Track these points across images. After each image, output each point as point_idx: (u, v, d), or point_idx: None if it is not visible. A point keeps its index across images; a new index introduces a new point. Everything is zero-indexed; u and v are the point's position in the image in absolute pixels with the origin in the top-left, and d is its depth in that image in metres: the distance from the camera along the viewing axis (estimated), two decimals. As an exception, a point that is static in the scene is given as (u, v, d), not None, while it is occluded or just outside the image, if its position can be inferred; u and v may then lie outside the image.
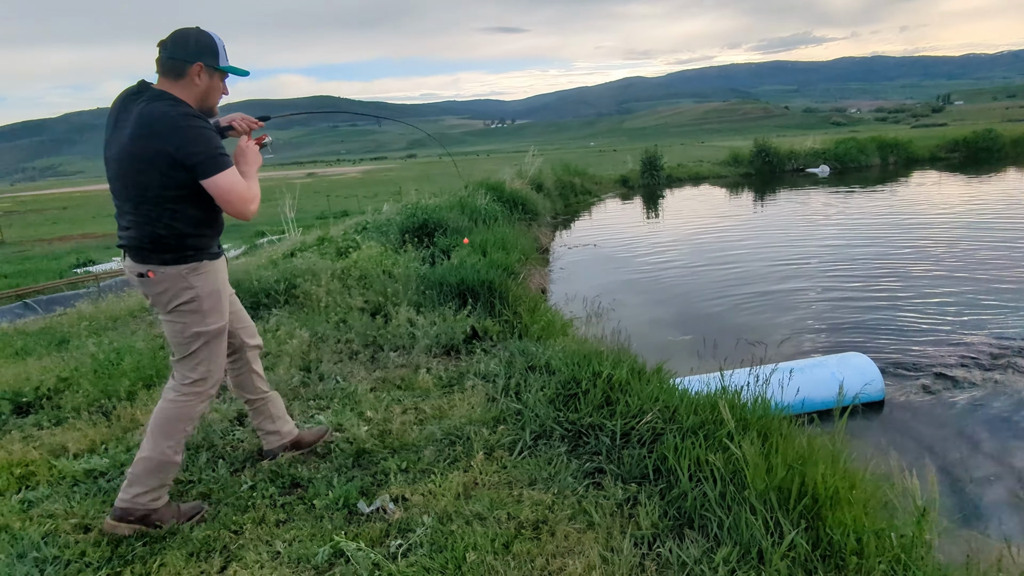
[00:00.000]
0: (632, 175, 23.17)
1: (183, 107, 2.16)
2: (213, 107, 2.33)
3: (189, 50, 2.18)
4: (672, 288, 8.01)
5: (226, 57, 2.27)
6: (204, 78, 2.22)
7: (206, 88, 2.24)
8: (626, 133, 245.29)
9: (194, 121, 2.14)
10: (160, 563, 2.16)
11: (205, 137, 2.14)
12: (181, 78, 2.19)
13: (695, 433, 2.59)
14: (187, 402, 2.36)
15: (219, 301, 2.35)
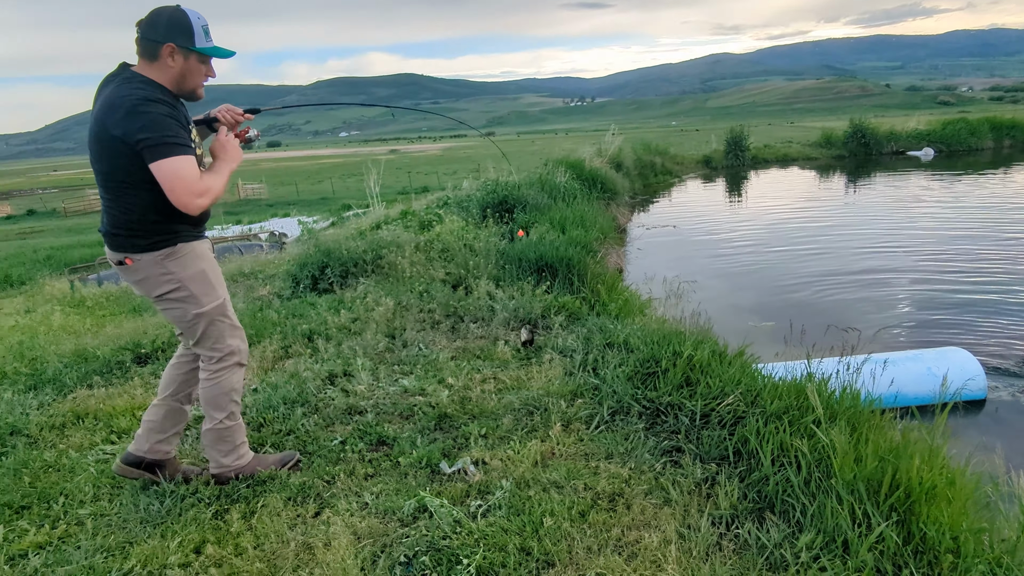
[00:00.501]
0: (715, 155, 22.37)
1: (146, 91, 2.07)
2: (194, 90, 2.23)
3: (159, 30, 2.09)
4: (755, 273, 7.74)
5: (204, 38, 2.16)
6: (178, 59, 2.13)
7: (181, 70, 2.15)
8: (710, 112, 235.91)
9: (149, 106, 2.04)
10: (262, 504, 2.34)
11: (156, 121, 2.03)
12: (155, 60, 2.12)
13: (779, 418, 2.53)
14: (221, 378, 2.38)
15: (206, 281, 2.30)
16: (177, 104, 2.18)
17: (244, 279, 6.16)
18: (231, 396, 2.41)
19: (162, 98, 2.10)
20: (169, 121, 2.06)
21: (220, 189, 2.19)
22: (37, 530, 2.27)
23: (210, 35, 2.19)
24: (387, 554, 2.03)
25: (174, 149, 2.03)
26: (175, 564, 2.01)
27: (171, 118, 2.08)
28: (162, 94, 2.12)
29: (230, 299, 2.43)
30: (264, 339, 4.06)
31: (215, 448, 2.46)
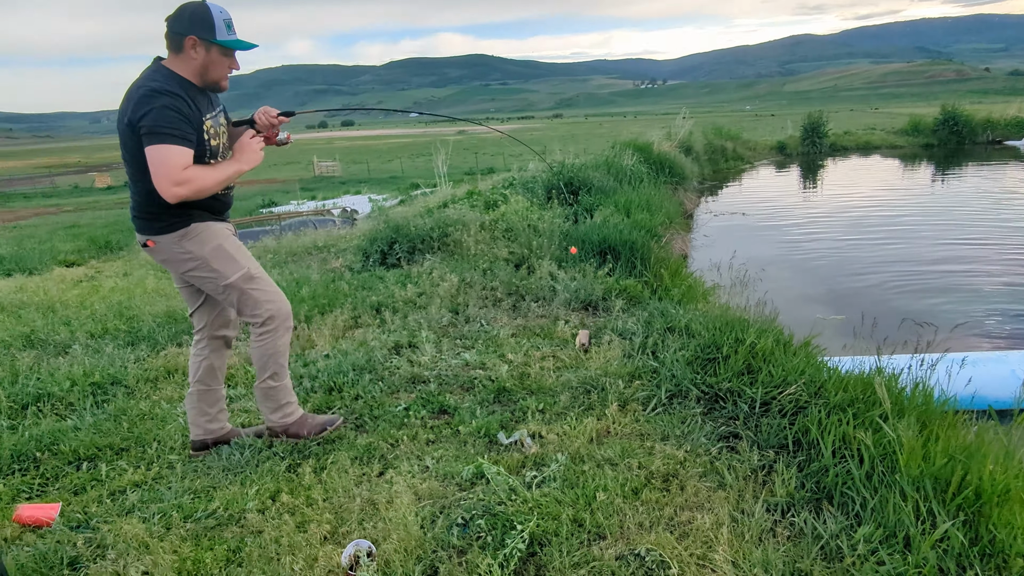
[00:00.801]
0: (791, 142, 21.43)
1: (159, 82, 2.17)
2: (218, 81, 2.31)
3: (183, 23, 2.19)
4: (826, 264, 7.44)
5: (226, 31, 2.22)
6: (200, 51, 2.21)
7: (203, 62, 2.24)
8: (787, 96, 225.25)
9: (156, 97, 2.13)
10: (331, 460, 2.50)
11: (157, 112, 2.11)
12: (180, 52, 2.22)
13: (843, 410, 2.48)
14: (265, 340, 2.50)
15: (225, 254, 2.38)
16: (191, 96, 2.23)
17: (318, 252, 6.46)
18: (275, 358, 2.52)
19: (172, 90, 2.17)
20: (169, 113, 2.14)
21: (209, 183, 2.22)
22: (134, 470, 2.51)
23: (232, 28, 2.25)
24: (445, 515, 2.14)
25: (165, 138, 2.12)
26: (253, 509, 2.18)
27: (173, 110, 2.15)
28: (177, 86, 2.20)
29: (259, 268, 2.51)
30: (336, 308, 4.27)
31: (263, 404, 2.63)
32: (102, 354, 3.80)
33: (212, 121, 2.34)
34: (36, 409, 3.08)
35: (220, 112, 2.44)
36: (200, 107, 2.27)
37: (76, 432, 2.80)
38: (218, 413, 2.68)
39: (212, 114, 2.35)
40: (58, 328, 4.45)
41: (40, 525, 2.16)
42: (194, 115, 2.23)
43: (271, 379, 2.55)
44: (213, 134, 2.33)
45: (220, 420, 2.69)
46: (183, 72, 2.25)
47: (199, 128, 2.24)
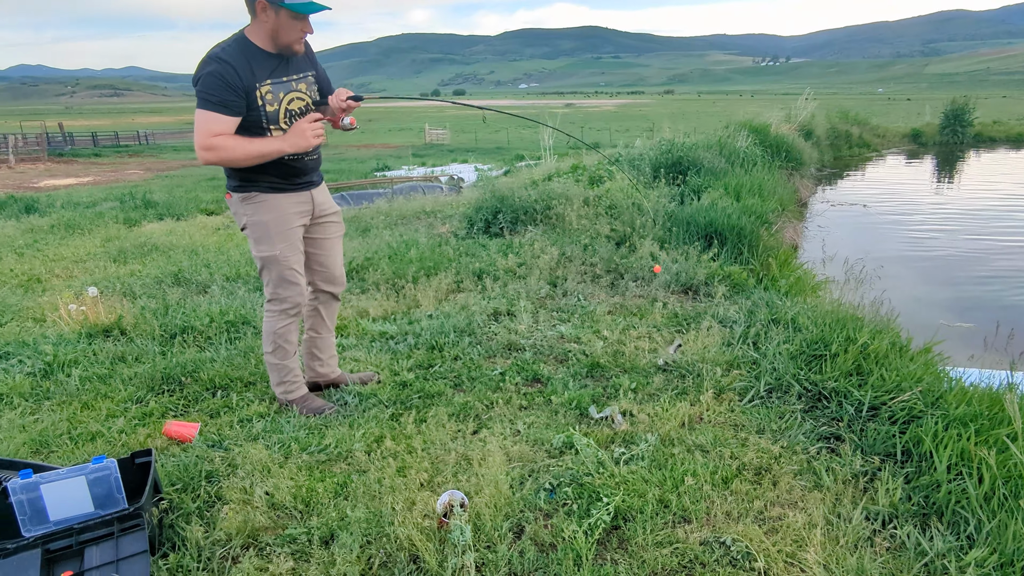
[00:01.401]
0: (927, 129, 19.52)
1: (218, 49, 2.26)
2: (289, 44, 2.33)
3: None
4: (955, 266, 6.81)
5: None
6: (270, 15, 2.24)
7: (274, 25, 2.26)
8: (928, 79, 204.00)
9: (209, 64, 2.23)
10: (431, 414, 2.65)
11: (205, 76, 2.22)
12: (254, 16, 2.27)
13: (964, 424, 2.31)
14: (268, 317, 2.60)
15: (266, 232, 2.46)
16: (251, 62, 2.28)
17: (426, 216, 6.72)
18: (272, 337, 2.61)
19: (224, 58, 2.24)
20: (213, 79, 2.22)
21: (238, 155, 2.28)
22: (259, 402, 2.79)
23: None
24: (534, 478, 2.22)
25: (205, 104, 2.23)
26: (360, 450, 2.37)
27: (216, 76, 2.22)
28: (236, 53, 2.26)
29: (293, 257, 2.54)
30: (440, 272, 4.46)
31: (271, 374, 2.73)
32: (235, 296, 4.21)
33: (275, 86, 2.36)
34: (182, 339, 3.48)
35: (302, 79, 2.45)
36: (258, 73, 2.30)
37: (213, 363, 3.14)
38: (328, 359, 2.89)
39: (282, 79, 2.37)
40: (200, 269, 4.98)
41: (184, 440, 2.47)
42: (242, 83, 2.26)
43: (271, 355, 2.65)
44: (270, 100, 2.35)
45: (330, 365, 2.91)
46: (256, 38, 2.30)
47: (250, 94, 2.29)
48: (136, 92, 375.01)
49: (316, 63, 2.55)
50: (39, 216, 8.68)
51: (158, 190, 12.28)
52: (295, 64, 2.43)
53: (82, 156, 28.62)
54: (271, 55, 2.34)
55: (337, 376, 2.94)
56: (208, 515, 2.02)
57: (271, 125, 2.37)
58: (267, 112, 2.35)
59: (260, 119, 2.34)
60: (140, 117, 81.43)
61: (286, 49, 2.35)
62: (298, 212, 2.54)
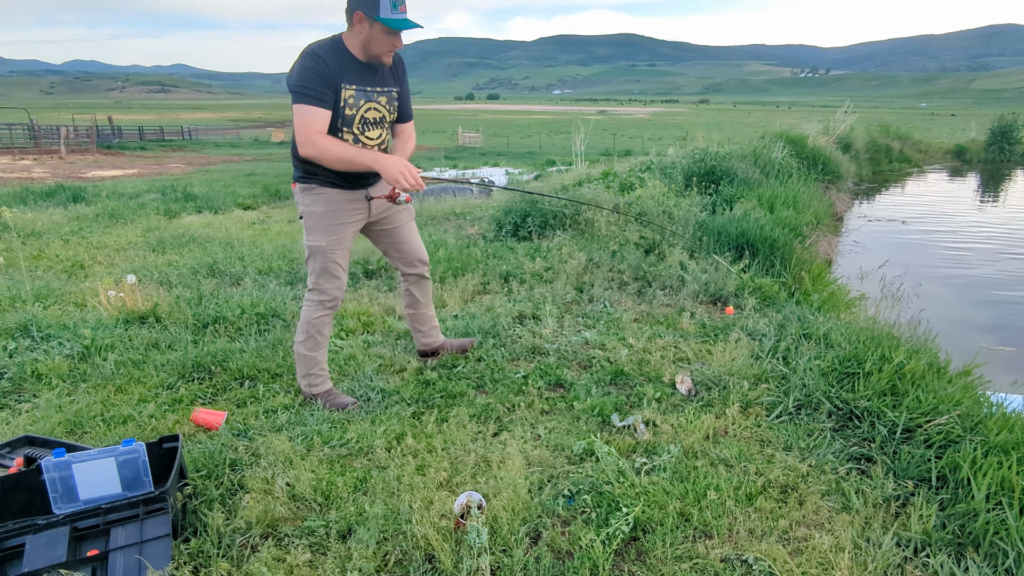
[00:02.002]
0: (973, 146, 18.93)
1: (314, 47, 2.36)
2: (379, 56, 2.41)
3: (353, 2, 2.33)
4: (999, 288, 6.57)
5: (391, 9, 2.29)
6: (364, 26, 2.34)
7: (367, 36, 2.36)
8: (974, 95, 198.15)
9: (305, 59, 2.33)
10: (453, 414, 2.65)
11: (300, 72, 2.32)
12: (351, 25, 2.38)
13: (1005, 452, 2.22)
14: (306, 306, 2.69)
15: (318, 223, 2.55)
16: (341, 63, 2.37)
17: (455, 218, 6.76)
18: (307, 327, 2.68)
19: (318, 53, 2.33)
20: (309, 74, 2.32)
21: (334, 158, 2.38)
22: (285, 394, 2.82)
23: (399, 8, 2.32)
24: (553, 484, 2.20)
25: (303, 97, 2.33)
26: (381, 446, 2.38)
27: (311, 70, 2.32)
28: (330, 52, 2.35)
29: (340, 252, 2.63)
30: (467, 273, 4.47)
31: (298, 365, 2.78)
32: (266, 289, 4.28)
33: (358, 92, 2.44)
34: (214, 329, 3.55)
35: (385, 93, 2.54)
36: (346, 75, 2.39)
37: (242, 354, 3.19)
38: (430, 330, 3.16)
39: (366, 88, 2.46)
40: (234, 262, 5.08)
41: (210, 428, 2.52)
42: (333, 79, 2.36)
43: (302, 344, 2.72)
44: (351, 104, 2.44)
45: (433, 335, 3.17)
46: (350, 44, 2.40)
47: (337, 92, 2.38)
48: (182, 89, 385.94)
49: (403, 82, 2.65)
50: (85, 205, 8.98)
51: (198, 184, 12.59)
52: (381, 77, 2.53)
53: (128, 149, 29.55)
54: (360, 63, 2.44)
55: (439, 344, 3.20)
56: (230, 503, 2.05)
57: (344, 127, 2.47)
58: (344, 114, 2.44)
59: (336, 119, 2.44)
60: (185, 113, 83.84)
61: (375, 60, 2.45)
62: (352, 209, 2.61)
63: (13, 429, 2.49)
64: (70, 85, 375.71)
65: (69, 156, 23.73)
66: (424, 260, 2.97)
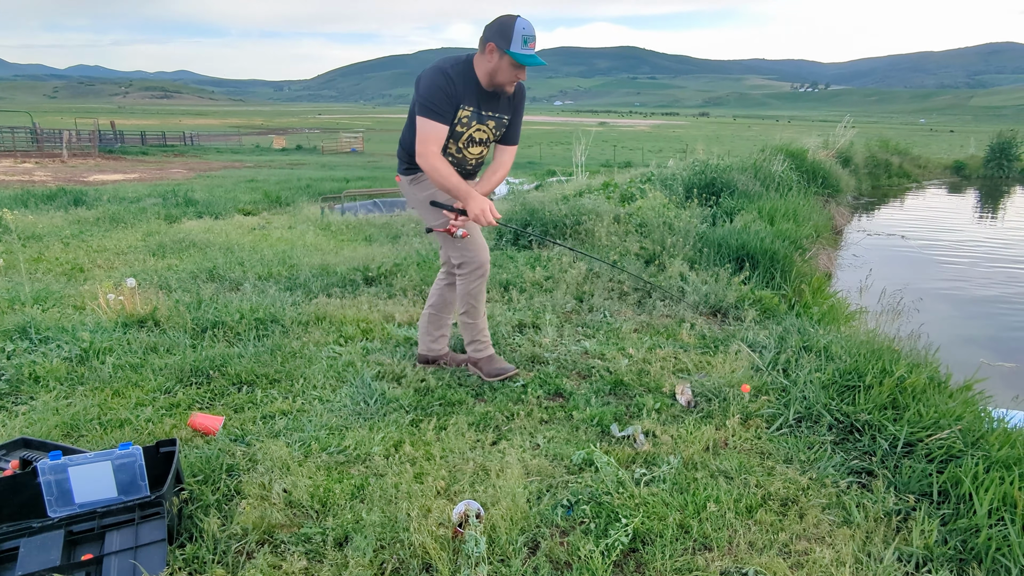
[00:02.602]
0: (971, 162, 19.03)
1: (446, 64, 2.58)
2: (502, 85, 2.61)
3: (490, 30, 2.52)
4: (999, 304, 6.58)
5: (521, 45, 2.48)
6: (494, 57, 2.53)
7: (495, 66, 2.55)
8: (973, 112, 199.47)
9: (434, 74, 2.56)
10: (452, 422, 2.64)
11: (429, 85, 2.56)
12: (482, 52, 2.57)
13: (1007, 467, 2.21)
14: (460, 281, 2.91)
15: (430, 207, 2.80)
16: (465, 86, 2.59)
17: (455, 226, 6.77)
18: (467, 298, 2.93)
19: (447, 72, 2.56)
20: (436, 91, 2.56)
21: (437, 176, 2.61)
22: (283, 400, 2.81)
23: (529, 45, 2.50)
24: (552, 494, 2.19)
25: (427, 112, 2.58)
26: (379, 453, 2.37)
27: (441, 90, 2.56)
28: (457, 74, 2.57)
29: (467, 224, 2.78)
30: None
31: (463, 333, 3.05)
32: (266, 294, 4.27)
33: (473, 114, 2.68)
34: (212, 333, 3.54)
35: (496, 118, 2.75)
36: (466, 97, 2.62)
37: (240, 359, 3.18)
38: (440, 337, 3.17)
39: (481, 112, 2.69)
40: (234, 267, 5.08)
41: (207, 433, 2.50)
42: (456, 98, 2.60)
43: (465, 315, 2.97)
44: (464, 122, 2.68)
45: (441, 343, 3.19)
46: (478, 69, 2.60)
47: (455, 111, 2.62)
48: (185, 95, 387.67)
49: (518, 110, 2.82)
50: (86, 208, 8.98)
51: (199, 189, 12.61)
52: (498, 103, 2.73)
53: (130, 154, 29.62)
54: (482, 88, 2.64)
55: (444, 354, 3.20)
56: (226, 508, 2.04)
57: (451, 140, 2.72)
58: (455, 130, 2.69)
59: (451, 138, 2.71)
60: (187, 119, 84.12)
61: (498, 87, 2.64)
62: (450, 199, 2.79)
63: (9, 431, 2.47)
64: (73, 90, 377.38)
65: (71, 160, 23.77)
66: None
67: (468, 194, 2.63)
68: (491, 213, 2.64)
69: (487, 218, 2.63)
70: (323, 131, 57.39)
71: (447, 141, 2.69)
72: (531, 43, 2.51)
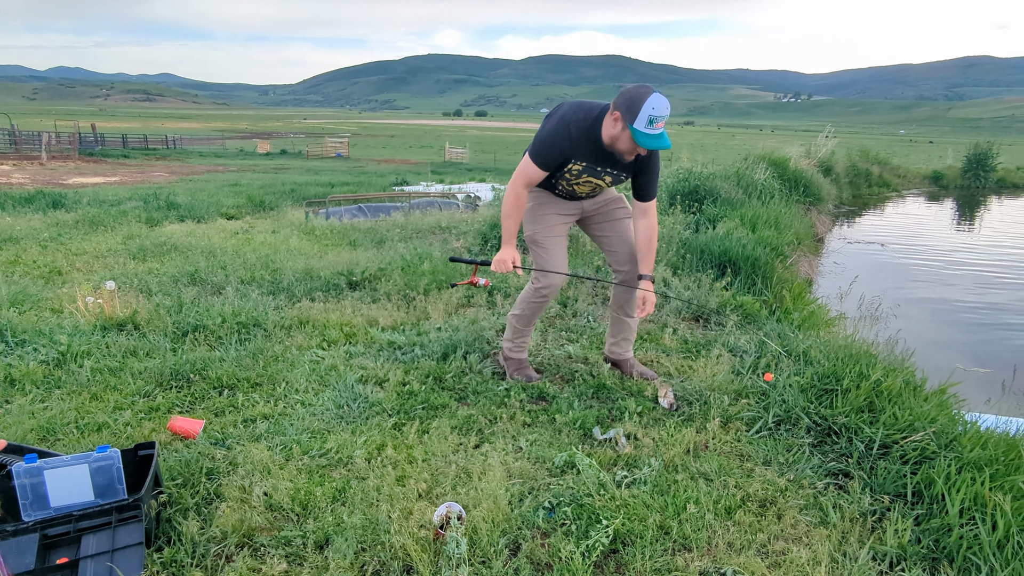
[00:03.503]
0: (949, 172, 19.42)
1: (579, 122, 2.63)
2: (620, 151, 2.62)
3: (623, 97, 2.52)
4: (975, 311, 6.71)
5: (645, 123, 2.46)
6: (619, 124, 2.53)
7: (617, 133, 2.55)
8: (951, 123, 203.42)
9: (556, 124, 2.66)
10: (434, 425, 2.64)
11: (550, 134, 2.66)
12: (610, 113, 2.56)
13: (978, 468, 2.26)
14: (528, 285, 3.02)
15: (529, 215, 2.94)
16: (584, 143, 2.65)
17: (441, 231, 6.77)
18: (523, 304, 3.03)
19: (569, 131, 2.63)
20: (551, 142, 2.66)
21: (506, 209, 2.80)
22: (264, 403, 2.79)
23: (655, 124, 2.46)
24: (533, 496, 2.20)
25: (533, 156, 2.71)
26: (360, 456, 2.36)
27: (555, 143, 2.65)
28: (580, 131, 2.63)
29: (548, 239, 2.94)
30: (449, 283, 4.46)
31: (508, 328, 3.14)
32: (248, 298, 4.24)
33: (586, 168, 2.73)
34: (193, 337, 3.51)
35: (612, 174, 2.77)
36: (581, 153, 2.67)
37: (221, 362, 3.15)
38: (622, 340, 3.18)
39: (596, 168, 2.73)
40: (216, 271, 5.03)
41: (187, 436, 2.48)
42: (567, 154, 2.68)
43: (516, 316, 3.07)
44: (575, 173, 2.76)
45: (621, 347, 3.19)
46: (604, 127, 2.61)
47: (564, 163, 2.70)
48: (168, 98, 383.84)
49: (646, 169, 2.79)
50: (65, 211, 8.85)
51: (182, 192, 12.49)
52: (616, 162, 2.73)
53: (111, 156, 29.27)
54: (602, 147, 2.65)
55: (625, 360, 3.20)
56: (206, 512, 2.02)
57: (556, 181, 2.83)
58: (565, 176, 2.78)
59: (558, 180, 2.82)
60: (170, 122, 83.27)
61: (617, 152, 2.64)
62: (557, 212, 2.93)
63: (-17, 435, 2.43)
64: (53, 91, 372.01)
65: (50, 162, 23.42)
66: (624, 266, 3.02)
67: (505, 241, 2.81)
68: (511, 264, 2.78)
69: (503, 268, 2.77)
70: (308, 136, 57.17)
71: (555, 181, 2.81)
72: (658, 123, 2.47)
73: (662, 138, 2.49)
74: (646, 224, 2.85)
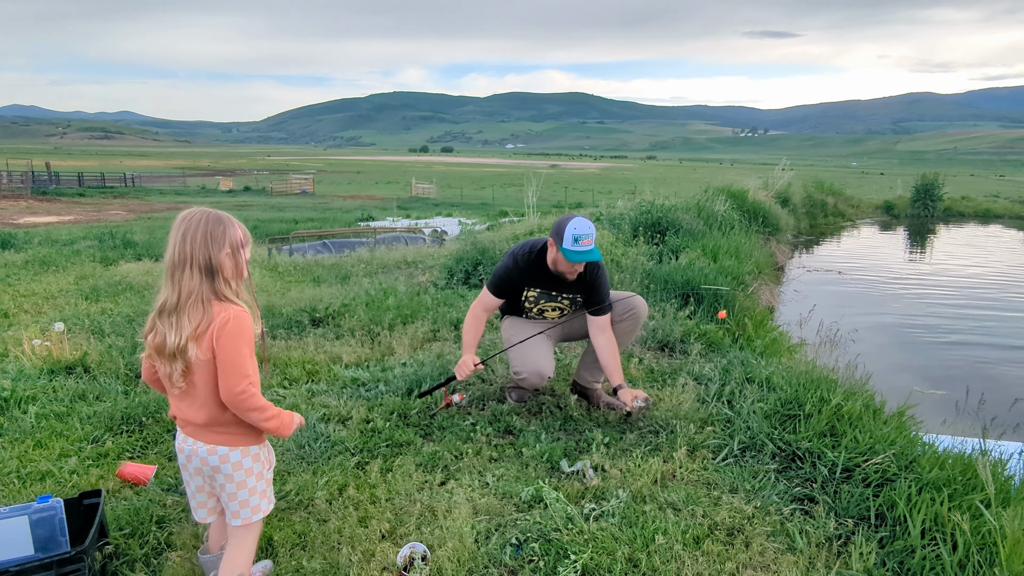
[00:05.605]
0: (899, 203, 20.24)
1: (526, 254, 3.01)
2: (562, 272, 2.96)
3: (552, 229, 2.89)
4: (929, 334, 6.93)
5: (572, 243, 2.78)
6: (552, 249, 2.92)
7: (555, 256, 2.91)
8: (899, 156, 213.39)
9: (509, 260, 3.04)
10: (398, 463, 2.58)
11: (501, 268, 3.05)
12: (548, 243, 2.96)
13: (937, 489, 2.30)
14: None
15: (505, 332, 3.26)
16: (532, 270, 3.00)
17: (407, 266, 6.73)
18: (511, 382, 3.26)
19: (519, 263, 3.00)
20: (503, 273, 3.04)
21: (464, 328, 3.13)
22: (221, 446, 2.68)
23: (580, 242, 2.79)
24: (500, 533, 2.15)
25: (489, 284, 3.10)
26: (322, 498, 2.29)
27: (506, 275, 3.03)
28: (528, 261, 3.00)
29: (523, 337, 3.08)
30: (417, 320, 4.42)
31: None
32: (204, 337, 4.10)
33: (540, 295, 3.09)
34: (145, 378, 3.37)
35: (568, 298, 3.09)
36: (531, 281, 3.05)
37: (175, 404, 3.03)
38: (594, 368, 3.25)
39: (551, 293, 3.08)
40: (171, 309, 4.86)
41: (138, 483, 2.37)
42: (517, 282, 3.05)
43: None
44: (532, 300, 3.11)
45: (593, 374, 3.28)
46: (548, 255, 2.97)
47: (518, 291, 3.08)
48: (127, 136, 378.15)
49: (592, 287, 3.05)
50: (15, 251, 8.55)
51: (139, 231, 12.21)
52: (567, 285, 3.05)
53: (66, 195, 28.54)
54: (551, 273, 3.00)
55: (592, 389, 3.29)
56: (155, 563, 1.92)
57: (527, 307, 3.15)
58: (525, 305, 3.14)
59: (520, 309, 3.18)
60: (129, 160, 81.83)
61: (561, 274, 2.97)
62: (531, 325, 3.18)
63: (-87, 489, 2.28)
64: (6, 130, 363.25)
65: (0, 202, 22.72)
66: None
67: (464, 351, 3.05)
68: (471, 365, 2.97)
69: (466, 370, 2.95)
70: (272, 172, 56.80)
71: (520, 303, 3.13)
72: (584, 240, 2.79)
73: (591, 253, 2.80)
74: (606, 339, 3.02)
